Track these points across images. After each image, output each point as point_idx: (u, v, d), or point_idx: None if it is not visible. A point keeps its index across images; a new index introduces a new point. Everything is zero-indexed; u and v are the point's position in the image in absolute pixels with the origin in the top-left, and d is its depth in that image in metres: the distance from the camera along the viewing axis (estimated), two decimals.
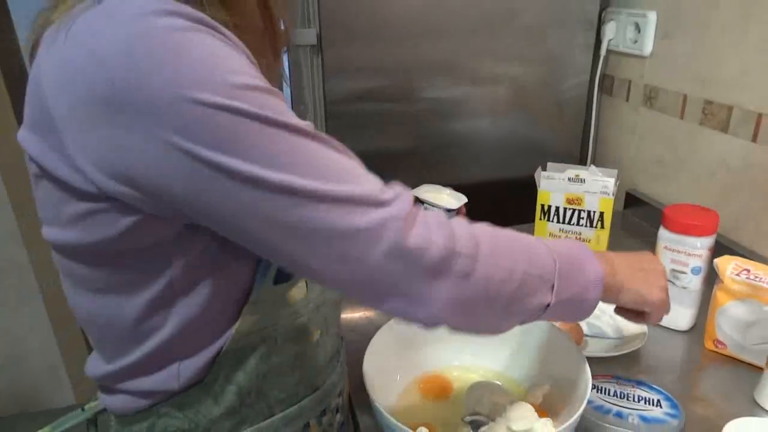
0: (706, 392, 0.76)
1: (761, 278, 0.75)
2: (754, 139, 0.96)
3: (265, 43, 0.54)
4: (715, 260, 0.80)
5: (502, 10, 1.20)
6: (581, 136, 1.37)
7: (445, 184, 1.30)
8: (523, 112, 1.31)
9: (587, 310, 0.55)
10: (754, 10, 0.94)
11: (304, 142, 0.42)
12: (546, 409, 0.68)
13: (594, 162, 1.43)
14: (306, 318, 0.58)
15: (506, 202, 1.36)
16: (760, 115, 0.95)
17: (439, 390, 0.72)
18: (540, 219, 0.95)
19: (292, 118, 0.42)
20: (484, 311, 0.49)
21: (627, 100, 1.28)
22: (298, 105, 1.24)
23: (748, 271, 0.76)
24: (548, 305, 0.52)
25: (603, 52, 1.30)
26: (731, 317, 0.78)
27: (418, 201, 0.80)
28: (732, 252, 0.99)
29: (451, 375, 0.75)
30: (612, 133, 1.36)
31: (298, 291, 0.57)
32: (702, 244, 0.81)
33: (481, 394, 0.66)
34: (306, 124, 0.43)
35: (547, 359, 0.71)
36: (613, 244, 1.11)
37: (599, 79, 1.33)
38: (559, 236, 0.94)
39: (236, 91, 0.39)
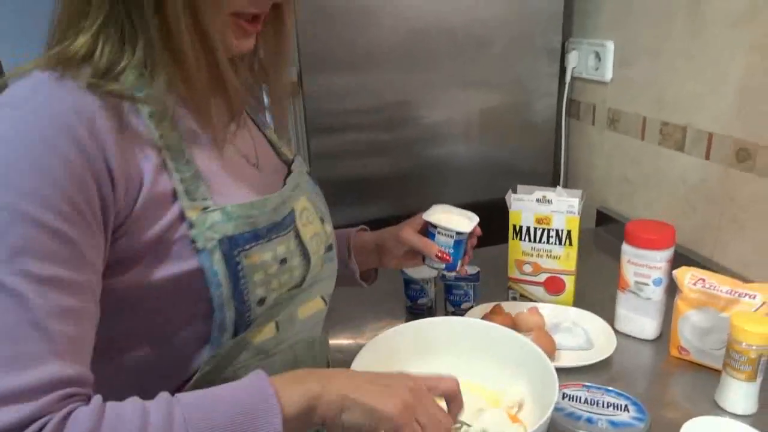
0: (671, 396, 0.81)
1: (715, 287, 0.81)
2: (707, 156, 1.03)
3: (218, 103, 0.57)
4: (674, 271, 0.85)
5: (471, 40, 1.27)
6: (553, 158, 1.45)
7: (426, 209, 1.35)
8: (498, 137, 1.38)
9: None
10: (699, 39, 1.02)
11: None
12: (520, 417, 0.72)
13: (566, 181, 1.50)
14: (276, 357, 0.60)
15: (485, 223, 1.42)
16: (710, 135, 1.02)
17: None
18: (513, 239, 1.00)
19: (22, 262, 0.42)
20: None
21: (593, 123, 1.36)
22: (281, 137, 1.29)
23: (704, 280, 0.82)
24: None
25: (568, 78, 1.37)
26: (692, 325, 0.84)
27: (430, 225, 0.81)
28: (695, 263, 1.05)
29: None
30: (582, 155, 1.43)
31: (267, 331, 0.59)
32: (661, 257, 0.87)
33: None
34: (21, 284, 0.41)
35: (521, 371, 0.76)
36: (586, 261, 1.17)
37: (566, 103, 1.41)
38: (532, 254, 0.99)
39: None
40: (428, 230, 0.81)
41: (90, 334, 0.47)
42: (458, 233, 0.79)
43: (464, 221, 0.81)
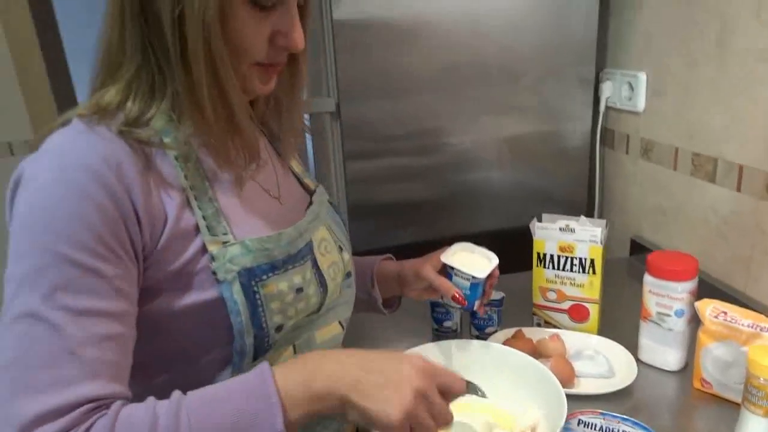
0: (692, 429, 0.81)
1: (737, 320, 0.81)
2: (738, 188, 1.03)
3: (237, 145, 0.61)
4: (696, 303, 0.85)
5: (503, 72, 1.31)
6: (587, 186, 1.45)
7: (459, 234, 1.38)
8: (532, 164, 1.40)
9: None
10: (727, 73, 1.03)
11: (32, 328, 0.48)
12: None
13: (601, 210, 1.50)
14: None
15: (518, 248, 1.43)
16: (741, 167, 1.02)
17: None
18: (537, 266, 1.02)
19: (66, 298, 0.48)
20: None
21: (627, 152, 1.36)
22: (320, 166, 1.36)
23: (725, 313, 0.82)
24: None
25: (602, 108, 1.39)
26: (714, 357, 0.84)
27: (447, 267, 0.82)
28: (727, 296, 1.04)
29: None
30: (617, 183, 1.43)
31: (286, 354, 0.63)
32: (683, 288, 0.87)
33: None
34: (60, 312, 0.48)
35: (535, 396, 0.78)
36: (618, 290, 1.17)
37: (601, 132, 1.42)
38: (555, 282, 1.01)
39: (40, 251, 0.49)
40: (446, 270, 0.83)
41: (126, 356, 0.53)
42: (474, 277, 0.80)
43: (483, 262, 0.82)
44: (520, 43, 1.30)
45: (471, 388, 0.71)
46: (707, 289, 1.09)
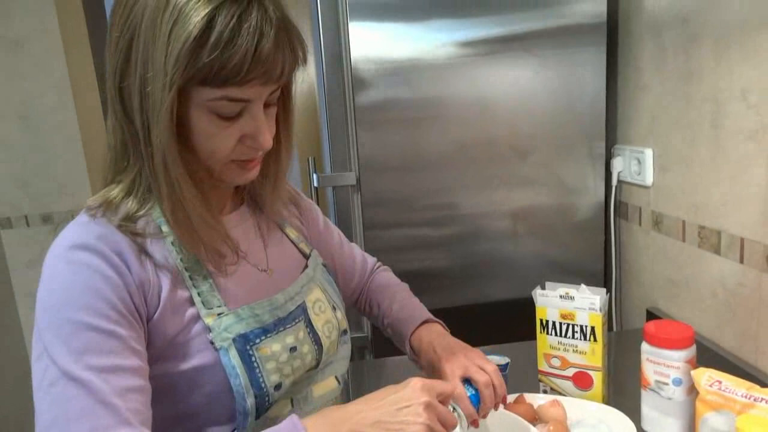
0: None
1: (732, 390, 0.81)
2: (741, 260, 1.04)
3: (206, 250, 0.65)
4: (692, 372, 0.86)
5: (515, 151, 1.39)
6: (604, 257, 1.48)
7: (476, 303, 1.41)
8: (549, 235, 1.45)
9: None
10: (722, 150, 1.07)
11: (66, 386, 0.54)
12: None
13: (619, 281, 1.51)
14: None
15: (533, 318, 1.46)
16: (742, 239, 1.04)
17: None
18: (540, 333, 1.05)
19: (88, 358, 0.55)
20: None
21: (640, 224, 1.39)
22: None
23: (720, 382, 0.82)
24: None
25: (614, 182, 1.44)
26: (710, 428, 0.83)
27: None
28: (740, 369, 1.03)
29: None
30: (632, 255, 1.45)
31: (283, 406, 0.68)
32: (679, 357, 0.88)
33: None
34: (85, 373, 0.54)
35: None
36: (632, 360, 1.17)
37: (615, 205, 1.46)
38: (558, 348, 1.03)
39: (62, 323, 0.56)
40: None
41: (148, 406, 0.58)
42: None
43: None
44: (530, 121, 1.38)
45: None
46: (719, 361, 1.08)
